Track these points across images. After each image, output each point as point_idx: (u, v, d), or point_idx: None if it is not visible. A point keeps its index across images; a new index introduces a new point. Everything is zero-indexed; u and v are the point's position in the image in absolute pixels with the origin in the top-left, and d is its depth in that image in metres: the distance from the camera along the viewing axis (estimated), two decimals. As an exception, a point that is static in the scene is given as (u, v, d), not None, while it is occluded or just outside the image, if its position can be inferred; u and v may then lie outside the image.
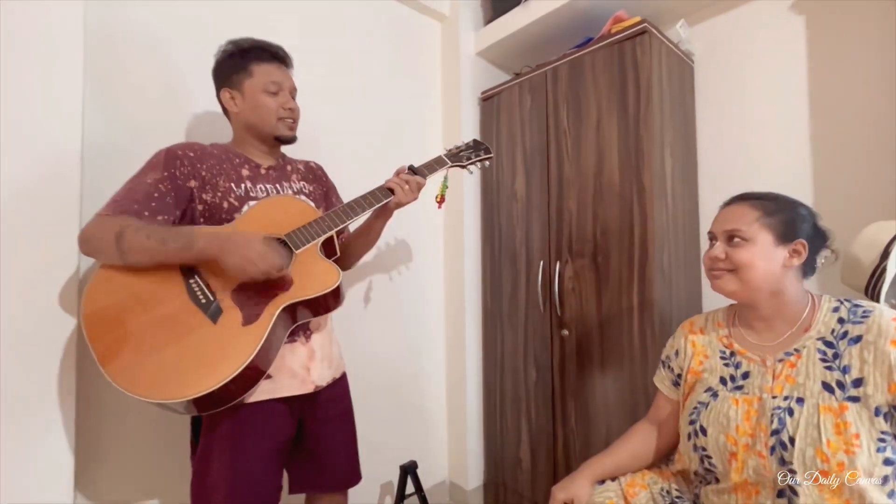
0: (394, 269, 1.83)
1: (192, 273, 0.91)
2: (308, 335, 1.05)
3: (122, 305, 0.85)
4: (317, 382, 1.04)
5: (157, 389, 0.80)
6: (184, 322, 0.86)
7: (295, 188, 1.11)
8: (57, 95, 1.00)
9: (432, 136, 2.00)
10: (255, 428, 0.94)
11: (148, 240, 0.85)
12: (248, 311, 0.90)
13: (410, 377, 1.86)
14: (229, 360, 0.84)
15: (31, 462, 0.95)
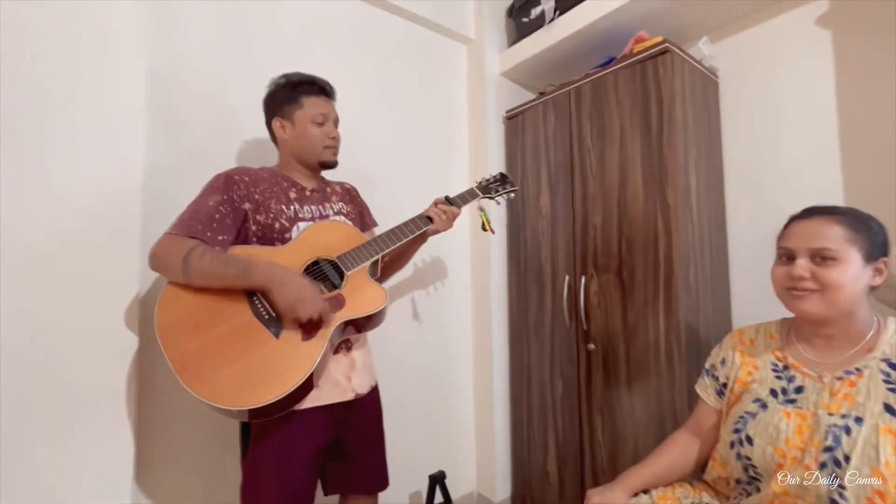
0: (422, 284, 1.90)
1: (253, 293, 0.99)
2: (349, 347, 1.13)
3: (193, 319, 0.93)
4: (357, 391, 1.12)
5: (232, 398, 0.88)
6: (251, 336, 0.95)
7: (335, 209, 1.21)
8: (121, 125, 1.12)
9: (459, 154, 2.07)
10: (300, 435, 1.02)
11: (211, 264, 0.94)
12: (306, 327, 0.98)
13: (438, 388, 1.91)
14: (292, 373, 0.93)
15: (93, 467, 1.04)
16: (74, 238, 1.05)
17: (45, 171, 1.03)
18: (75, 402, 1.03)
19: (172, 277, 0.96)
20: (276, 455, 1.00)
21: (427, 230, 1.23)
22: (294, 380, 0.92)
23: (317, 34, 1.65)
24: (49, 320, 1.01)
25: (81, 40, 1.08)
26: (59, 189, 1.04)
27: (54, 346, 1.02)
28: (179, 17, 1.37)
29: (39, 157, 1.02)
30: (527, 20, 1.93)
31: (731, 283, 1.66)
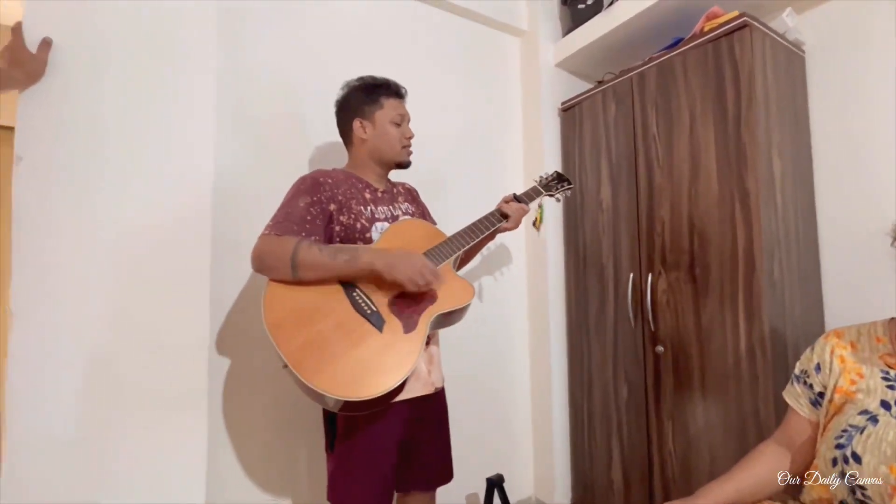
0: (475, 281, 1.87)
1: (352, 287, 1.03)
2: (428, 342, 1.15)
3: (298, 315, 0.96)
4: (436, 384, 1.17)
5: (349, 388, 0.91)
6: (355, 330, 0.98)
7: (402, 209, 1.23)
8: (193, 127, 1.17)
9: (513, 149, 2.02)
10: (385, 427, 1.06)
11: (321, 254, 0.97)
12: (406, 320, 1.02)
13: (494, 390, 1.87)
14: (399, 365, 0.97)
15: (168, 463, 1.09)
16: (153, 240, 1.11)
17: (128, 175, 1.10)
18: (153, 396, 1.09)
19: (278, 276, 0.98)
20: (366, 448, 1.05)
21: (501, 226, 1.26)
22: (402, 371, 0.96)
23: (369, 34, 1.67)
24: (132, 319, 1.08)
25: (156, 46, 1.15)
26: (138, 192, 1.11)
27: (136, 344, 1.08)
28: (247, 24, 1.43)
29: (123, 162, 1.10)
30: (583, 7, 1.85)
31: (823, 280, 1.49)
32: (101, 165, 1.06)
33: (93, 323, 1.04)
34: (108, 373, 1.05)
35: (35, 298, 0.99)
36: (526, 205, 1.31)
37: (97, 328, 1.04)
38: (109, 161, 1.08)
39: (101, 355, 1.04)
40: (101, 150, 1.07)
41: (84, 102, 1.07)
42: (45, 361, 0.99)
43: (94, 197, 1.05)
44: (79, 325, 1.02)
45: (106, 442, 1.03)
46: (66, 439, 1.00)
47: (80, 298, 1.03)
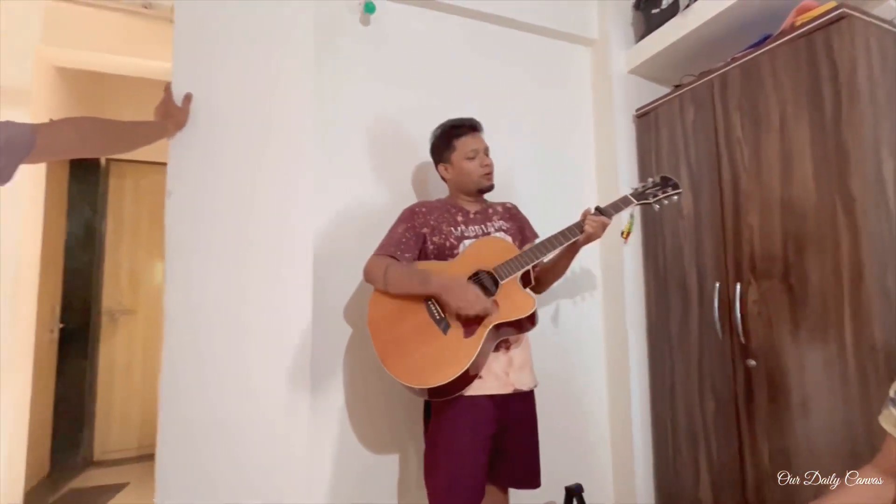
0: (548, 290, 1.88)
1: (430, 297, 1.25)
2: (507, 347, 1.29)
3: (389, 317, 1.24)
4: (515, 385, 1.27)
5: (413, 378, 1.16)
6: (426, 332, 1.21)
7: (496, 226, 1.39)
8: (295, 167, 1.36)
9: (586, 161, 2.02)
10: (468, 417, 1.20)
11: (401, 276, 1.25)
12: (468, 327, 1.20)
13: (570, 399, 1.87)
14: (456, 364, 1.16)
15: (274, 460, 1.26)
16: (267, 257, 1.31)
17: (250, 203, 1.31)
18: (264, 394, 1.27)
19: (377, 286, 1.27)
20: (448, 431, 1.20)
21: (578, 240, 1.30)
22: (456, 370, 1.15)
23: (443, 59, 1.78)
24: (250, 325, 1.28)
25: (266, 94, 1.35)
26: (257, 216, 1.31)
27: (252, 346, 1.28)
28: (336, 63, 1.61)
29: (246, 193, 1.31)
30: (657, 11, 1.82)
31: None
32: (230, 196, 1.28)
33: (222, 326, 1.24)
34: (232, 371, 1.24)
35: (183, 306, 1.21)
36: (608, 217, 1.31)
37: (225, 331, 1.25)
38: (235, 192, 1.29)
39: (227, 354, 1.24)
40: (229, 184, 1.28)
41: (216, 144, 1.29)
42: (190, 357, 1.20)
43: (225, 221, 1.27)
44: (212, 328, 1.23)
45: (225, 434, 1.23)
46: (200, 424, 1.20)
47: (214, 306, 1.23)
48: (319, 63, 1.51)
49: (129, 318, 3.19)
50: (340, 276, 1.51)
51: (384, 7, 1.67)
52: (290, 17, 1.40)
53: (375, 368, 1.33)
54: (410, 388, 1.17)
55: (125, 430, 3.11)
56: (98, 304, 3.06)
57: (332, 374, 1.51)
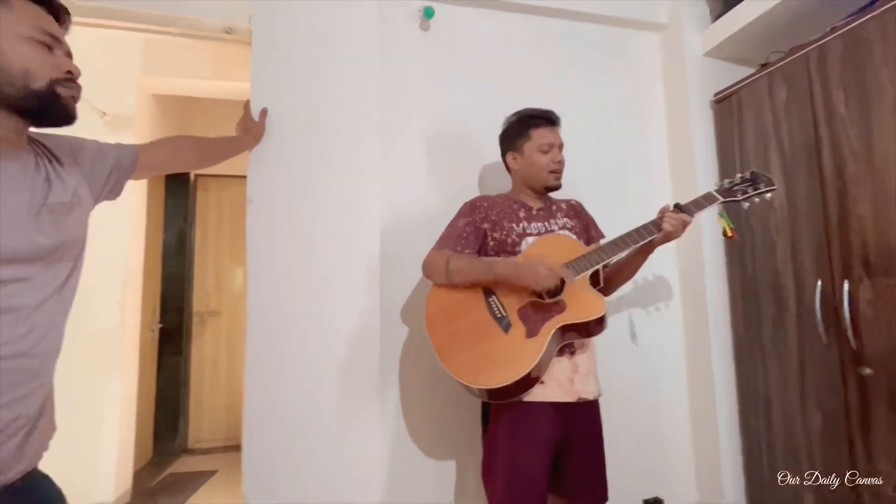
0: (621, 293, 1.79)
1: (490, 293, 1.20)
2: (572, 352, 1.21)
3: (447, 313, 1.20)
4: (580, 394, 1.19)
5: (471, 377, 1.11)
6: (486, 330, 1.16)
7: (560, 224, 1.32)
8: (361, 173, 1.43)
9: (658, 155, 1.89)
10: (528, 423, 1.15)
11: (464, 264, 1.20)
12: (531, 326, 1.14)
13: (647, 410, 1.75)
14: (517, 365, 1.09)
15: (345, 461, 1.30)
16: (338, 259, 1.38)
17: (321, 209, 1.38)
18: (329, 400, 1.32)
19: (438, 280, 1.23)
20: (507, 437, 1.15)
21: (654, 239, 1.21)
22: (518, 372, 1.08)
23: (511, 56, 1.75)
24: (323, 324, 1.33)
25: (332, 106, 1.42)
26: (327, 223, 1.38)
27: (323, 344, 1.33)
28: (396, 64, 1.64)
29: (318, 200, 1.38)
30: (737, -15, 1.67)
31: None
32: (303, 203, 1.37)
33: (298, 327, 1.32)
34: (308, 369, 1.31)
35: (263, 308, 1.30)
36: (690, 215, 1.21)
37: (301, 331, 1.32)
38: (308, 199, 1.37)
39: (303, 353, 1.31)
40: (302, 191, 1.37)
41: (290, 154, 1.37)
42: (270, 356, 1.29)
43: (299, 227, 1.35)
44: (290, 328, 1.31)
45: (305, 429, 1.29)
46: (282, 419, 1.27)
47: (291, 307, 1.31)
48: (382, 70, 1.56)
49: (216, 319, 3.48)
50: (399, 276, 1.52)
51: (443, 10, 1.68)
52: (354, 33, 1.47)
53: (432, 369, 1.34)
54: (468, 387, 1.13)
55: (214, 421, 3.39)
56: (189, 306, 3.37)
57: (390, 375, 1.53)
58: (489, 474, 1.18)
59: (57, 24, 0.76)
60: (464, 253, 1.23)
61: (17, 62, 0.68)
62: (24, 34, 0.69)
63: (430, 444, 1.52)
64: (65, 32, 0.78)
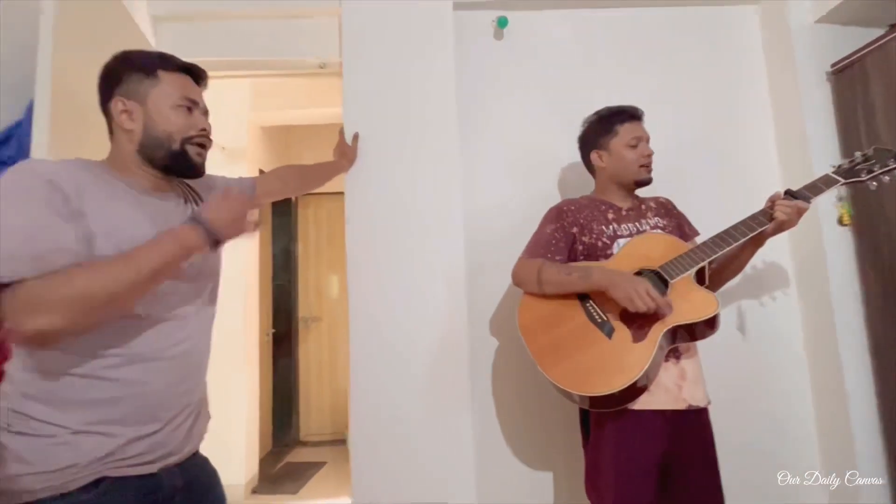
0: (729, 290, 1.64)
1: (586, 298, 1.17)
2: (678, 356, 1.15)
3: (542, 321, 1.18)
4: (689, 401, 1.12)
5: (575, 385, 1.08)
6: (586, 336, 1.12)
7: (651, 223, 1.27)
8: (446, 186, 1.52)
9: (762, 137, 1.71)
10: (635, 434, 1.10)
11: (558, 273, 1.17)
12: (635, 331, 1.09)
13: (765, 419, 1.58)
14: (625, 371, 1.05)
15: (438, 462, 1.37)
16: (427, 269, 1.47)
17: (409, 222, 1.49)
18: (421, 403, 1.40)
19: (529, 289, 1.22)
20: (612, 449, 1.11)
21: (765, 231, 1.13)
22: (625, 378, 1.03)
23: (597, 51, 1.72)
24: (415, 331, 1.43)
25: (419, 127, 1.51)
26: (415, 235, 1.48)
27: (416, 348, 1.42)
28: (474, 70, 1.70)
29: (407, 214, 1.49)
30: (854, -62, 1.46)
31: None
32: (395, 217, 1.48)
33: (394, 333, 1.43)
34: (405, 373, 1.42)
35: (363, 316, 1.43)
36: (806, 201, 1.11)
37: (397, 338, 1.44)
38: (398, 213, 1.49)
39: (400, 358, 1.42)
40: (393, 206, 1.48)
41: (381, 173, 1.50)
42: (371, 360, 1.42)
43: (392, 240, 1.47)
44: (387, 335, 1.43)
45: (404, 429, 1.38)
46: (383, 418, 1.39)
47: (388, 315, 1.44)
48: (459, 84, 1.61)
49: (318, 323, 3.83)
50: (486, 284, 1.55)
51: (517, 18, 1.70)
52: (432, 54, 1.57)
53: (527, 376, 1.35)
54: (569, 394, 1.10)
55: (320, 416, 3.73)
56: (296, 313, 3.76)
57: (482, 381, 1.56)
58: (594, 489, 1.14)
59: (196, 85, 0.92)
60: (554, 260, 1.22)
61: (163, 126, 0.82)
62: (169, 103, 0.83)
63: (527, 451, 1.53)
64: (203, 89, 0.94)
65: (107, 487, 0.71)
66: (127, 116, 0.82)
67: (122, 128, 0.83)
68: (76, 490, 0.69)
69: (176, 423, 0.81)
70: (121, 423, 0.73)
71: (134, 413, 0.75)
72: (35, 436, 0.69)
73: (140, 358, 0.76)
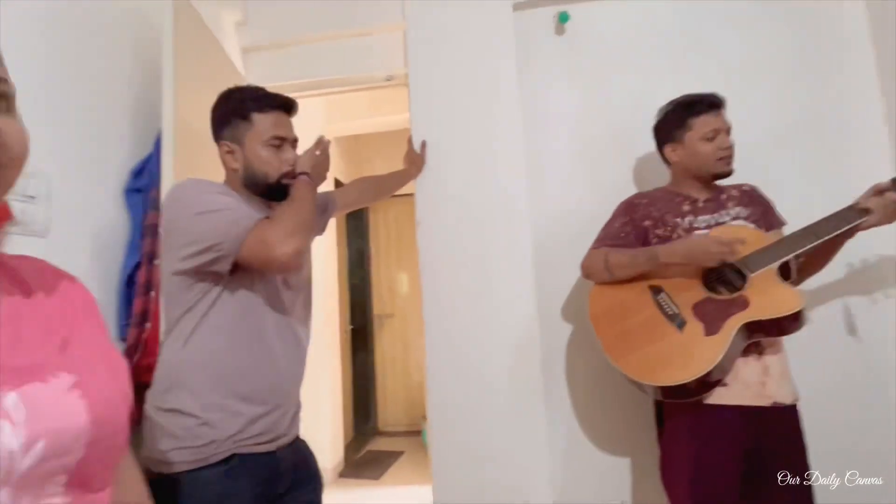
0: (834, 285, 1.50)
1: (658, 291, 1.16)
2: (761, 352, 1.10)
3: (613, 311, 1.20)
4: (775, 398, 1.07)
5: (644, 374, 1.10)
6: (657, 328, 1.12)
7: (732, 214, 1.21)
8: (511, 183, 1.55)
9: (870, 119, 1.52)
10: (711, 429, 1.08)
11: (624, 256, 1.19)
12: (709, 324, 1.07)
13: (861, 415, 1.44)
14: (696, 364, 1.04)
15: (513, 455, 1.40)
16: (494, 265, 1.52)
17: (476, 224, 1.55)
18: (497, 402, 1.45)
19: (600, 279, 1.24)
20: (687, 445, 1.10)
21: (860, 224, 1.06)
22: (696, 370, 1.02)
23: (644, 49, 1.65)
24: (486, 327, 1.48)
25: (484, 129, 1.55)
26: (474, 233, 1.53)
27: (488, 345, 1.48)
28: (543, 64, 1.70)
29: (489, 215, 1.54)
30: None
31: None
32: (462, 217, 1.56)
33: (465, 328, 1.51)
34: (477, 366, 1.48)
35: (436, 313, 1.52)
36: None
37: (468, 332, 1.50)
38: (465, 213, 1.56)
39: (472, 352, 1.49)
40: (460, 207, 1.55)
41: (449, 175, 1.57)
42: (444, 355, 1.50)
43: (461, 239, 1.55)
44: (458, 330, 1.51)
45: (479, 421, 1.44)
46: (459, 410, 1.46)
47: (459, 311, 1.51)
48: (523, 83, 1.63)
49: (391, 320, 4.02)
50: (557, 279, 1.57)
51: (578, 11, 1.67)
52: (494, 57, 1.61)
53: (599, 367, 1.35)
54: (639, 384, 1.11)
55: (396, 408, 3.93)
56: (371, 310, 3.98)
57: (555, 373, 1.58)
58: (673, 484, 1.13)
59: (287, 116, 1.03)
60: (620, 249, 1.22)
61: (259, 166, 0.96)
62: (261, 142, 0.96)
63: (602, 441, 1.54)
64: (293, 116, 1.06)
65: (237, 462, 0.85)
66: (231, 157, 0.98)
67: (229, 167, 0.99)
68: (216, 463, 0.83)
69: (283, 408, 0.94)
70: (248, 402, 0.87)
71: (255, 393, 0.89)
72: (183, 414, 0.84)
73: (261, 347, 0.91)
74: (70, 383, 0.42)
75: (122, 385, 0.48)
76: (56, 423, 0.39)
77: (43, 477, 0.38)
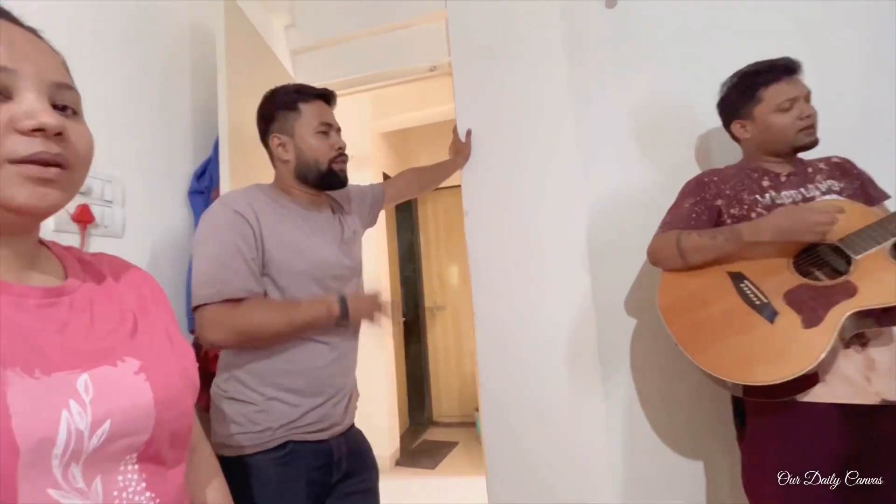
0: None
1: (740, 278, 1.03)
2: (863, 344, 0.96)
3: (686, 301, 1.07)
4: (883, 395, 0.92)
5: (728, 370, 0.96)
6: (742, 319, 0.98)
7: (822, 188, 1.07)
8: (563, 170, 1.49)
9: None
10: (806, 432, 0.95)
11: (701, 238, 1.04)
12: (807, 314, 0.93)
13: None
14: (794, 359, 0.90)
15: (572, 460, 1.35)
16: (548, 258, 1.47)
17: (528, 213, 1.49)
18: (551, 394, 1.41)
19: (671, 265, 1.11)
20: (777, 446, 0.97)
21: None
22: (794, 368, 0.89)
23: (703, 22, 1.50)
24: (538, 323, 1.43)
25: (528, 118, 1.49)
26: (534, 225, 1.48)
27: (540, 341, 1.43)
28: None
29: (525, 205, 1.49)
30: None
31: None
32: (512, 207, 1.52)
33: (518, 320, 1.47)
34: (530, 358, 1.44)
35: (487, 305, 1.50)
36: None
37: (521, 325, 1.47)
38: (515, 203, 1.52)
39: (524, 344, 1.45)
40: (509, 196, 1.52)
41: (496, 165, 1.53)
42: (496, 347, 1.47)
43: (511, 229, 1.51)
44: (510, 322, 1.47)
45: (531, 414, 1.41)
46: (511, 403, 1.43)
47: (510, 303, 1.47)
48: (572, 64, 1.55)
49: (442, 312, 4.05)
50: (617, 266, 1.48)
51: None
52: (539, 40, 1.55)
53: (669, 362, 1.26)
54: (721, 380, 0.97)
55: (449, 399, 3.96)
56: (422, 302, 4.03)
57: (619, 368, 1.50)
58: (754, 490, 1.01)
59: (329, 107, 1.06)
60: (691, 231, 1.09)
61: (310, 154, 0.99)
62: (310, 131, 0.99)
63: (672, 440, 1.44)
64: (334, 108, 1.08)
65: (292, 448, 0.89)
66: (283, 149, 1.00)
67: (280, 159, 1.01)
68: (272, 448, 0.87)
69: (336, 399, 0.96)
70: (300, 394, 0.91)
71: (307, 386, 0.92)
72: (243, 402, 0.89)
73: (312, 341, 0.94)
74: (136, 367, 0.45)
75: (187, 371, 0.51)
76: (122, 403, 0.42)
77: (112, 455, 0.41)
